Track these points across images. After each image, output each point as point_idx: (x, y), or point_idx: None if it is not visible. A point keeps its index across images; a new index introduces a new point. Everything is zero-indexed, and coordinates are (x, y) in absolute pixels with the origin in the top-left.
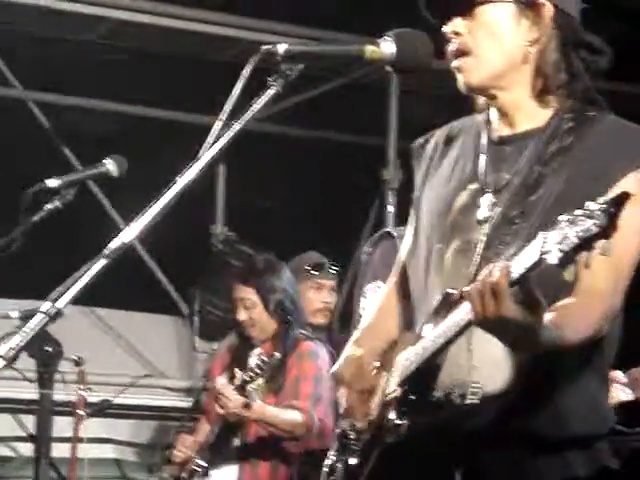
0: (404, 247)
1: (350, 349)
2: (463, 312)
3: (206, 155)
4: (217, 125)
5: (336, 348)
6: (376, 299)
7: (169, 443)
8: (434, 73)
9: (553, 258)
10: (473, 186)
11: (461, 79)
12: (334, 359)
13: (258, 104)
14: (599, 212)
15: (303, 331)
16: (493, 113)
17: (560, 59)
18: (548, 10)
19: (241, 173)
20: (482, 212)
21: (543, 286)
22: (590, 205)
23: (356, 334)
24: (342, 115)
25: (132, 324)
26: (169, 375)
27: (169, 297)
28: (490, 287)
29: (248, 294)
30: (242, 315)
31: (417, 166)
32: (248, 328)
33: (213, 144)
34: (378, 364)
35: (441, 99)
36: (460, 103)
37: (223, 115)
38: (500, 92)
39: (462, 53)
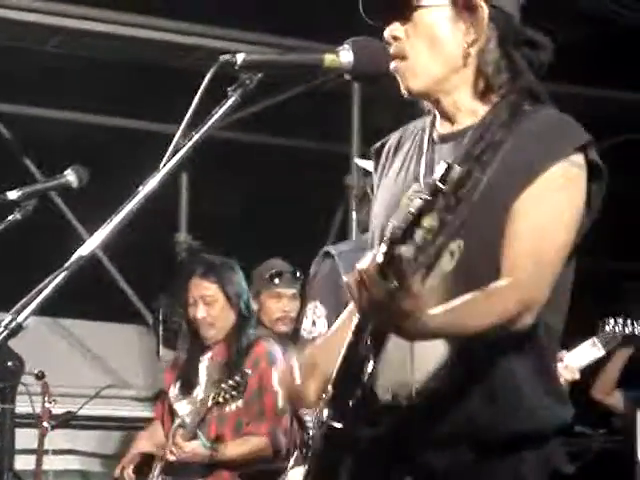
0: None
1: (304, 358)
2: None
3: (168, 165)
4: (178, 134)
5: None
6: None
7: None
8: (397, 79)
9: (396, 236)
10: (416, 186)
11: (402, 85)
12: None
13: (218, 114)
14: (426, 187)
15: (253, 331)
16: (437, 113)
17: (500, 58)
18: (484, 10)
19: (204, 181)
20: None
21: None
22: (427, 181)
23: (315, 345)
24: (305, 122)
25: (96, 334)
26: (134, 385)
27: (133, 306)
28: (359, 275)
29: (208, 290)
30: (201, 312)
31: (375, 170)
32: (205, 327)
33: (174, 153)
34: None
35: (404, 105)
36: (423, 108)
37: (184, 124)
38: (442, 96)
39: (401, 57)
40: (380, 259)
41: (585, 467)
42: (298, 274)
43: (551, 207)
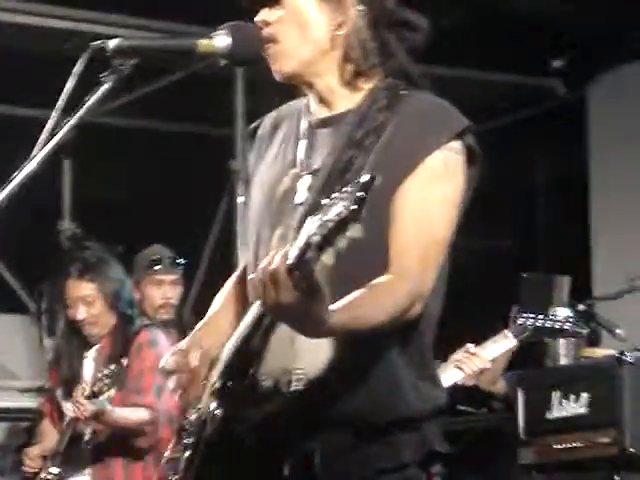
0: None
1: (195, 343)
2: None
3: (42, 151)
4: (51, 121)
5: None
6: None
7: (20, 444)
8: None
9: (315, 242)
10: (294, 171)
11: (274, 68)
12: None
13: (91, 100)
14: (349, 195)
15: (139, 321)
16: (312, 96)
17: (370, 40)
18: None
19: (88, 167)
20: (299, 196)
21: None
22: (345, 189)
23: (195, 328)
24: (188, 106)
25: None
26: (18, 375)
27: (16, 295)
28: (269, 275)
29: (86, 289)
30: (82, 313)
31: (251, 151)
32: (88, 326)
33: (49, 140)
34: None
35: (288, 88)
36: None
37: (57, 110)
38: (313, 78)
39: (271, 41)
40: (292, 262)
41: (470, 445)
42: (179, 260)
43: (434, 197)
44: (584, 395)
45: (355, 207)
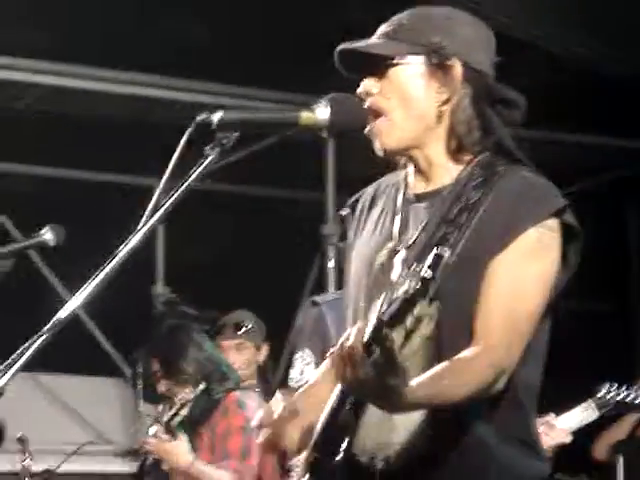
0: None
1: (287, 404)
2: None
3: (148, 222)
4: (159, 191)
5: None
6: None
7: None
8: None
9: (387, 319)
10: (390, 245)
11: (377, 143)
12: None
13: (196, 173)
14: (416, 273)
15: (228, 385)
16: (411, 170)
17: (473, 116)
18: (458, 70)
19: (181, 232)
20: (397, 271)
21: None
22: (413, 267)
23: (297, 393)
24: (280, 170)
25: (74, 388)
26: (114, 440)
27: (111, 360)
28: (346, 352)
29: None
30: (162, 387)
31: (349, 226)
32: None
33: (155, 210)
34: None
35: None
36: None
37: (163, 182)
38: (416, 151)
39: (375, 113)
40: (368, 338)
41: None
42: (244, 325)
43: (525, 273)
44: None
45: (420, 287)
